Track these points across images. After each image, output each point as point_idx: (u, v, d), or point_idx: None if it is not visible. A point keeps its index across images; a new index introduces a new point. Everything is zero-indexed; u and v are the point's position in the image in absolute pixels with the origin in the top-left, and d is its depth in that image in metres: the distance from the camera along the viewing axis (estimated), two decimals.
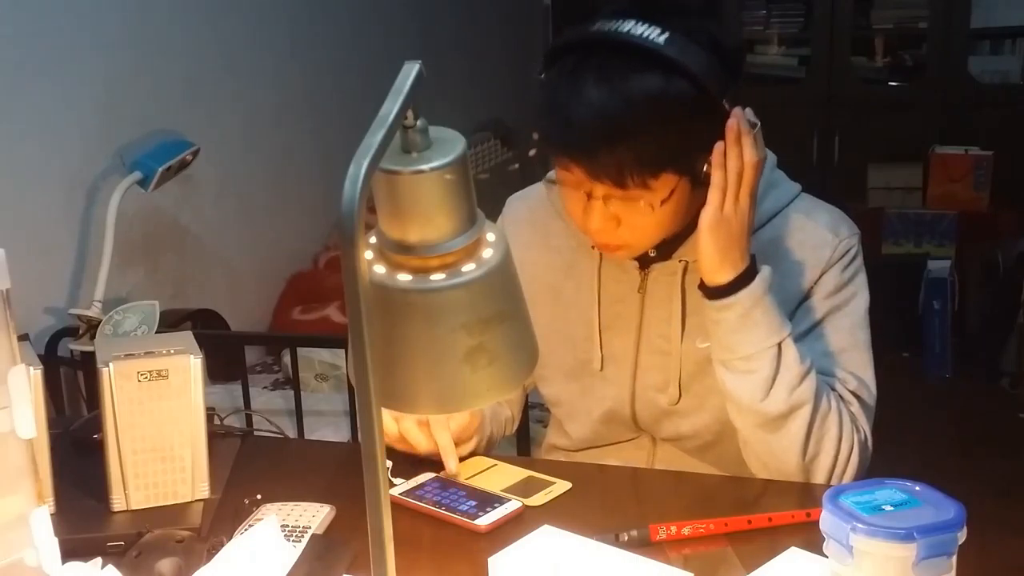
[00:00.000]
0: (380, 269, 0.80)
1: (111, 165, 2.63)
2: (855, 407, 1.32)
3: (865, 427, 1.32)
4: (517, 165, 4.65)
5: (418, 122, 0.76)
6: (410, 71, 0.75)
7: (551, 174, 1.34)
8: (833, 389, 1.31)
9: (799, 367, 1.26)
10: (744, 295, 1.24)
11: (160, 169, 2.55)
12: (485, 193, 0.82)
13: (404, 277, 0.79)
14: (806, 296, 1.34)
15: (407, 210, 0.78)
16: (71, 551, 1.02)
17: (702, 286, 1.27)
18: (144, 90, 2.75)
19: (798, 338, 1.29)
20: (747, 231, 1.24)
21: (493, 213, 0.84)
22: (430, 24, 4.19)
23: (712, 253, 1.23)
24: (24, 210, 2.40)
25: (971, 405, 3.72)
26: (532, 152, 1.28)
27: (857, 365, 1.34)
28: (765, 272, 1.26)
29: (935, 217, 4.28)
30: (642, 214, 1.24)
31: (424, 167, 0.76)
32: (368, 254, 0.81)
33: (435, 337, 0.80)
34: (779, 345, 1.25)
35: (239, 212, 3.16)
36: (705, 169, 1.22)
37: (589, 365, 1.44)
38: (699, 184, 1.24)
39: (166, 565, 1.09)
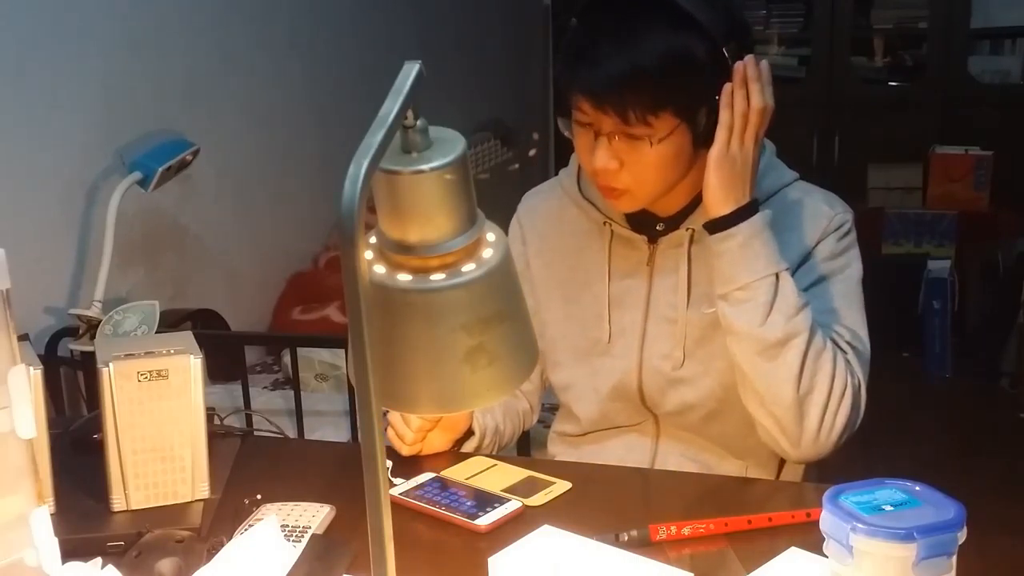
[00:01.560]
0: (380, 269, 0.80)
1: (111, 165, 2.63)
2: (850, 355, 1.37)
3: (860, 374, 1.37)
4: (517, 165, 4.65)
5: (418, 122, 0.76)
6: (410, 71, 0.75)
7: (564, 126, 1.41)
8: (829, 338, 1.36)
9: (796, 299, 1.32)
10: (745, 225, 1.32)
11: (160, 169, 2.55)
12: (485, 193, 0.82)
13: (404, 277, 0.79)
14: (803, 261, 1.40)
15: (407, 210, 0.78)
16: (71, 551, 1.02)
17: (707, 223, 1.34)
18: (144, 90, 2.75)
19: None
20: (750, 172, 1.33)
21: (493, 213, 0.84)
22: (430, 24, 4.19)
23: (716, 187, 1.32)
24: (24, 210, 2.40)
25: (971, 405, 3.71)
26: (532, 152, 1.32)
27: (851, 321, 1.40)
28: (766, 212, 1.34)
29: (935, 217, 4.28)
30: (642, 152, 1.31)
31: (424, 167, 0.76)
32: (368, 254, 0.81)
33: (435, 337, 0.80)
34: (777, 275, 1.32)
35: (239, 212, 3.16)
36: (707, 121, 1.31)
37: (600, 343, 1.49)
38: (700, 139, 1.33)
39: (166, 565, 1.09)
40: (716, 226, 1.33)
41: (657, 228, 1.45)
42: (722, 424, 1.46)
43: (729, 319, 1.34)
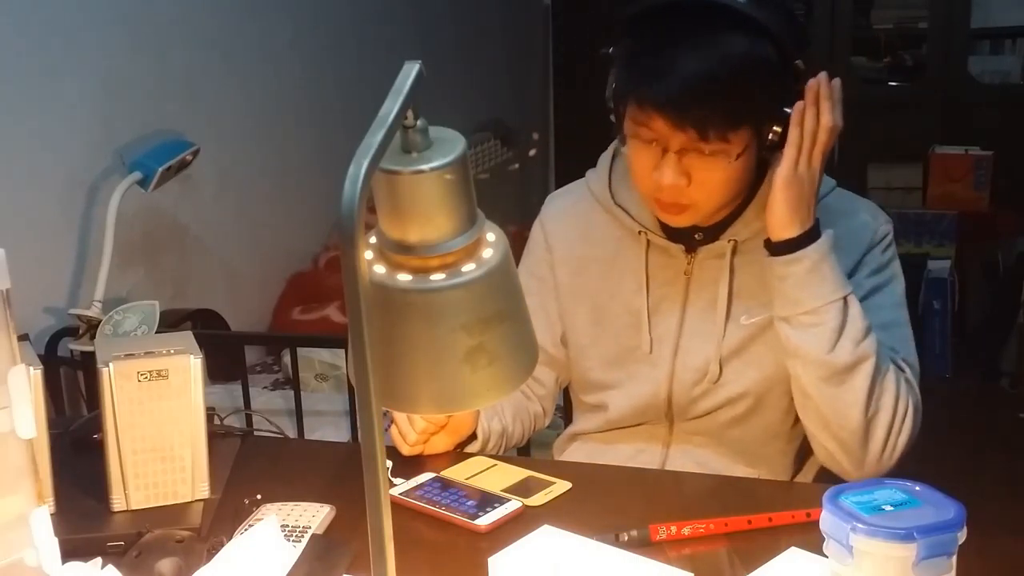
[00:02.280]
0: (380, 269, 0.80)
1: (111, 165, 2.63)
2: (908, 373, 1.35)
3: (917, 392, 1.35)
4: (517, 165, 4.65)
5: (418, 122, 0.76)
6: (410, 71, 0.75)
7: (616, 145, 1.39)
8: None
9: (862, 321, 1.30)
10: (813, 249, 1.29)
11: (160, 169, 2.54)
12: (485, 193, 0.82)
13: (404, 277, 0.79)
14: (851, 275, 1.37)
15: (407, 210, 0.78)
16: (71, 551, 1.02)
17: (768, 243, 1.32)
18: (144, 90, 2.75)
19: None
20: (816, 192, 1.31)
21: (493, 213, 0.84)
22: (430, 24, 4.19)
23: (783, 209, 1.29)
24: (24, 210, 2.40)
25: (971, 405, 3.72)
26: (532, 152, 1.31)
27: (903, 337, 1.38)
28: (829, 232, 1.31)
29: (935, 217, 4.28)
30: (714, 169, 1.28)
31: (424, 167, 0.76)
32: (368, 254, 0.81)
33: (435, 337, 0.80)
34: (845, 299, 1.29)
35: (239, 212, 3.16)
36: (771, 136, 1.29)
37: (636, 351, 1.47)
38: (764, 150, 1.31)
39: (166, 565, 1.09)
40: (781, 248, 1.30)
41: (695, 237, 1.42)
42: (743, 431, 1.44)
43: (794, 343, 1.31)
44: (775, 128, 1.28)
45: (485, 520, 1.22)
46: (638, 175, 1.34)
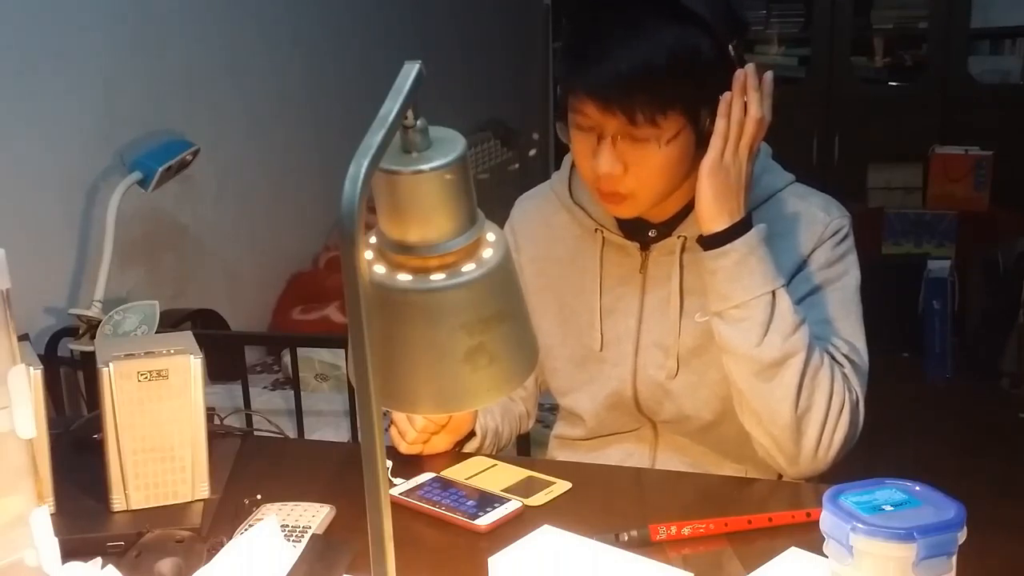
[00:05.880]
0: (380, 269, 0.80)
1: (111, 165, 2.63)
2: (847, 369, 1.34)
3: (857, 389, 1.35)
4: (517, 165, 4.65)
5: (418, 122, 0.76)
6: (410, 71, 0.75)
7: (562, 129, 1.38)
8: (826, 352, 1.33)
9: (793, 317, 1.29)
10: (740, 242, 1.29)
11: (160, 169, 2.55)
12: (485, 193, 0.82)
13: (404, 277, 0.79)
14: (799, 269, 1.38)
15: (407, 210, 0.78)
16: (71, 551, 1.02)
17: (700, 238, 1.32)
18: (144, 90, 2.75)
19: None
20: (743, 185, 1.30)
21: (493, 213, 0.84)
22: (430, 24, 4.20)
23: (710, 200, 1.29)
24: (24, 210, 2.40)
25: (971, 405, 3.72)
26: (532, 152, 1.32)
27: (849, 333, 1.37)
28: (761, 226, 1.31)
29: (935, 217, 4.28)
30: (648, 155, 1.28)
31: (424, 167, 0.76)
32: (368, 254, 0.81)
33: (435, 337, 0.80)
34: (773, 293, 1.29)
35: (239, 212, 3.16)
36: (708, 126, 1.28)
37: (594, 351, 1.47)
38: (702, 141, 1.30)
39: (166, 565, 1.09)
40: (710, 242, 1.30)
41: (649, 235, 1.42)
42: (720, 433, 1.45)
43: (724, 338, 1.31)
44: (711, 118, 1.29)
45: (485, 520, 1.22)
46: (579, 163, 1.36)
